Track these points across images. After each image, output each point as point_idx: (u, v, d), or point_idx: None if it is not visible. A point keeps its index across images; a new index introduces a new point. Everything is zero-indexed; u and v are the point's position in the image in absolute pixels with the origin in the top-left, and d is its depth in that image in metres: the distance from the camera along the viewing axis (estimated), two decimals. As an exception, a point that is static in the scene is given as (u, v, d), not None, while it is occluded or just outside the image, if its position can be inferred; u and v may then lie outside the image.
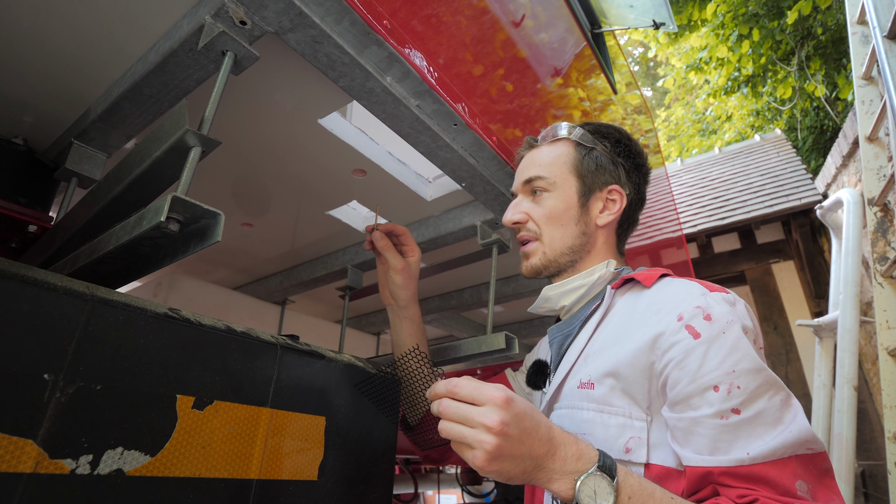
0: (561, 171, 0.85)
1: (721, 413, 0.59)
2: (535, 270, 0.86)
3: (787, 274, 4.29)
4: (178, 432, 0.54)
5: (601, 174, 0.85)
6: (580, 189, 0.85)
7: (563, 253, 0.83)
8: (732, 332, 0.62)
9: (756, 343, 0.64)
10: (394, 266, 1.00)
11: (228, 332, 0.62)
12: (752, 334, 0.64)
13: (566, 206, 0.84)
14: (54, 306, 0.47)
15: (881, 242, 2.03)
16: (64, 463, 0.45)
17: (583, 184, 0.85)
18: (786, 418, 0.59)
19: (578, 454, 0.57)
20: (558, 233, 0.84)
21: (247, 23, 0.70)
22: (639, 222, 0.93)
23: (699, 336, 0.62)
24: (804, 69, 5.80)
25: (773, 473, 0.56)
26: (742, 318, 0.64)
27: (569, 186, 0.85)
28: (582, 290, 0.82)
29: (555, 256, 0.84)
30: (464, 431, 0.56)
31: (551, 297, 0.85)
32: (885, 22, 1.83)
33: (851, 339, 2.10)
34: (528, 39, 1.24)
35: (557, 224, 0.84)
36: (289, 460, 0.66)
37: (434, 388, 0.61)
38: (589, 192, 0.85)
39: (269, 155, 1.11)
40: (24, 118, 0.94)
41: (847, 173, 3.26)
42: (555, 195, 0.85)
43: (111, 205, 0.72)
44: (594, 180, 0.85)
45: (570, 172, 0.85)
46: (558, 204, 0.84)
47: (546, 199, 0.85)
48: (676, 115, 8.98)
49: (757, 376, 0.60)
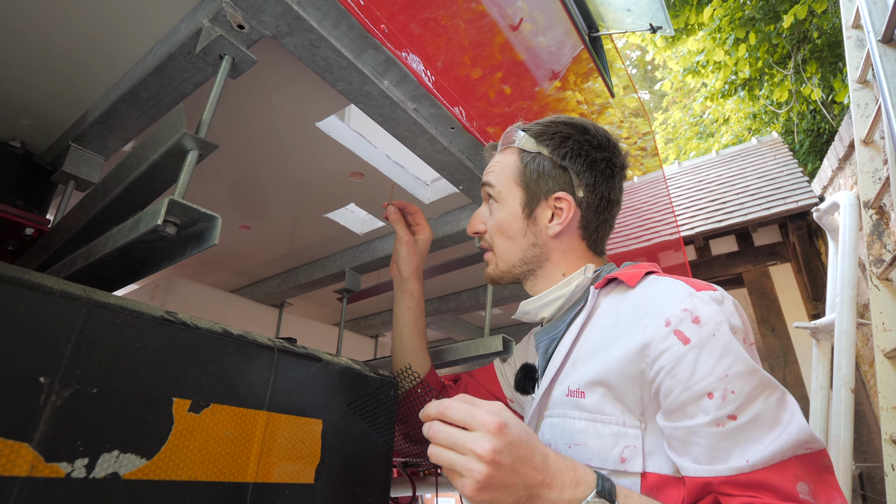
0: (507, 181, 0.83)
1: (717, 421, 0.58)
2: (491, 279, 0.87)
3: (785, 276, 4.30)
4: (174, 435, 0.54)
5: (544, 182, 0.80)
6: (524, 199, 0.81)
7: (515, 264, 0.82)
8: (722, 333, 0.60)
9: (746, 341, 0.63)
10: (400, 237, 1.04)
11: (225, 335, 0.62)
12: (741, 333, 0.62)
13: (511, 218, 0.82)
14: (51, 309, 0.47)
15: (877, 245, 2.04)
16: (59, 466, 0.45)
17: (527, 193, 0.81)
18: (783, 418, 0.58)
19: (576, 481, 0.56)
20: (507, 245, 0.82)
21: (244, 27, 0.70)
22: (612, 223, 0.85)
23: (689, 341, 0.60)
24: (800, 73, 5.83)
25: (773, 478, 0.56)
26: (731, 317, 0.62)
27: (513, 198, 0.82)
28: (560, 302, 0.80)
29: (507, 268, 0.83)
30: (453, 458, 0.54)
31: (529, 310, 0.83)
32: (879, 26, 1.84)
33: (848, 342, 2.11)
34: (525, 43, 1.25)
35: (505, 236, 0.82)
36: (285, 464, 0.66)
37: (426, 409, 0.59)
38: (534, 202, 0.80)
39: (266, 158, 1.11)
40: (21, 121, 0.94)
41: (843, 176, 3.28)
42: (501, 206, 0.83)
43: (108, 208, 0.72)
44: (538, 189, 0.80)
45: (515, 182, 0.82)
46: (504, 216, 0.82)
47: (495, 210, 0.84)
48: (674, 118, 9.01)
49: (751, 378, 0.59)
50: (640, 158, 2.11)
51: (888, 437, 1.72)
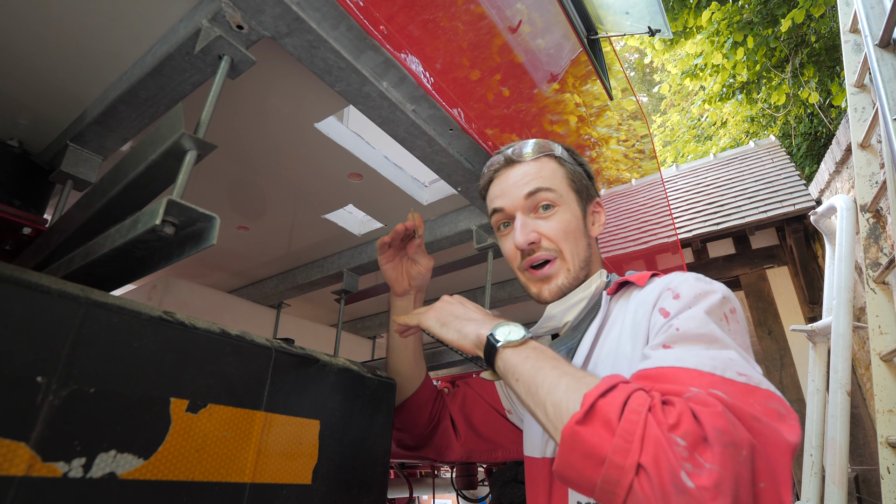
0: (563, 184, 0.85)
1: (666, 339, 0.59)
2: (562, 292, 0.82)
3: (782, 279, 4.31)
4: (171, 435, 0.54)
5: (587, 189, 0.88)
6: (580, 202, 0.86)
7: (582, 268, 0.82)
8: (704, 302, 0.62)
9: (734, 312, 0.63)
10: (427, 265, 0.98)
11: (223, 335, 0.62)
12: (728, 303, 0.63)
13: (577, 219, 0.84)
14: (48, 309, 0.47)
15: (873, 248, 2.05)
16: (56, 466, 0.45)
17: (580, 197, 0.86)
18: (723, 352, 0.55)
19: (497, 321, 0.70)
20: (575, 248, 0.82)
21: (244, 27, 0.70)
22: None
23: (668, 314, 0.63)
24: (798, 76, 5.85)
25: (680, 375, 0.52)
26: (721, 289, 0.64)
27: (572, 200, 0.85)
28: (583, 304, 0.81)
29: (576, 272, 0.82)
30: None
31: (555, 314, 0.82)
32: (876, 30, 1.85)
33: (845, 345, 2.12)
34: (524, 45, 1.25)
35: (573, 239, 0.82)
36: (282, 464, 0.66)
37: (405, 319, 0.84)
38: (585, 206, 0.87)
39: (265, 158, 1.11)
40: (19, 120, 0.94)
41: (840, 179, 3.29)
42: (565, 209, 0.83)
43: (106, 208, 0.72)
44: (587, 194, 0.88)
45: (569, 187, 0.85)
46: (570, 218, 0.83)
47: (558, 213, 0.82)
48: (672, 120, 9.04)
49: (709, 325, 0.58)
50: (638, 161, 2.11)
51: (884, 440, 1.72)
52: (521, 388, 0.61)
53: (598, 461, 0.47)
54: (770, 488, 0.44)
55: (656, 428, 0.45)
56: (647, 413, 0.47)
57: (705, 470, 0.42)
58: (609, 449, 0.47)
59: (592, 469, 0.48)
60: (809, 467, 2.28)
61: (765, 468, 0.45)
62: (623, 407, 0.48)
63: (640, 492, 0.44)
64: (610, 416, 0.48)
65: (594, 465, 0.48)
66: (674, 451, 0.44)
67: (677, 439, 0.44)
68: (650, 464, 0.44)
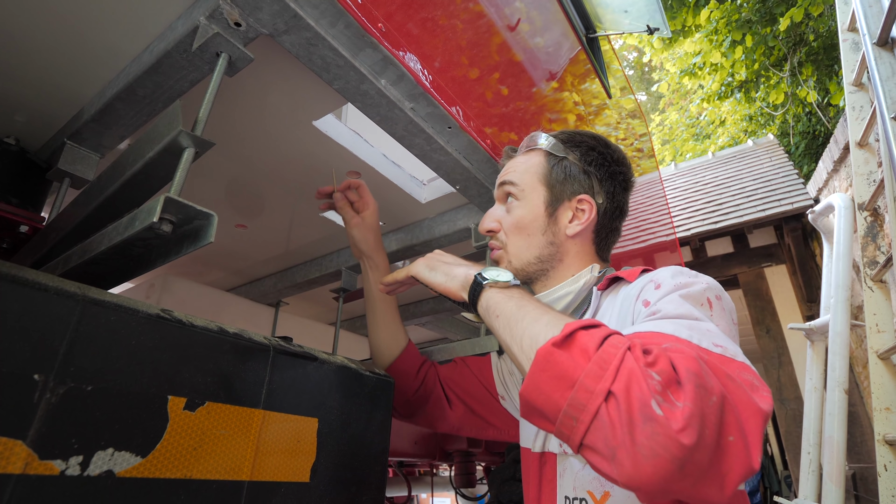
0: (531, 179, 0.86)
1: (644, 320, 0.59)
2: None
3: (780, 278, 4.32)
4: (169, 433, 0.54)
5: (570, 183, 0.85)
6: (547, 198, 0.84)
7: (531, 262, 0.84)
8: (684, 290, 0.61)
9: (721, 301, 0.63)
10: (347, 221, 1.07)
11: (221, 333, 0.62)
12: (711, 290, 0.63)
13: (533, 215, 0.84)
14: (45, 306, 0.47)
15: (871, 247, 2.05)
16: (54, 464, 0.45)
17: (550, 193, 0.85)
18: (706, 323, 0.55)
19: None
20: (524, 242, 0.84)
21: (241, 24, 0.70)
22: (620, 231, 0.91)
23: (649, 304, 0.63)
24: (796, 75, 5.86)
25: (657, 337, 0.51)
26: (704, 280, 0.64)
27: (536, 196, 0.85)
28: (569, 298, 0.82)
29: (521, 266, 0.84)
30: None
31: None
32: (874, 29, 1.85)
33: (843, 343, 2.12)
34: (523, 43, 1.25)
35: (523, 234, 0.84)
36: (280, 462, 0.66)
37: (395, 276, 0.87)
38: (557, 202, 0.84)
39: (263, 156, 1.11)
40: (16, 118, 0.93)
41: (838, 178, 3.30)
42: (522, 204, 0.85)
43: (104, 205, 0.72)
44: (562, 190, 0.84)
45: (539, 182, 0.85)
46: (525, 213, 0.84)
47: (515, 207, 0.86)
48: (671, 119, 9.04)
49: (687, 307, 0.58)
50: (637, 160, 2.11)
51: (881, 438, 1.73)
52: (501, 324, 0.61)
53: (568, 384, 0.47)
54: (739, 444, 0.43)
55: (633, 361, 0.45)
56: (626, 350, 0.47)
57: (676, 407, 0.42)
58: (581, 373, 0.46)
59: (560, 392, 0.47)
60: (807, 465, 2.28)
61: (734, 423, 0.44)
62: (603, 341, 0.48)
63: (605, 417, 0.44)
64: (588, 345, 0.48)
65: (563, 388, 0.47)
66: (648, 382, 0.43)
67: (653, 373, 0.44)
68: (621, 391, 0.44)
